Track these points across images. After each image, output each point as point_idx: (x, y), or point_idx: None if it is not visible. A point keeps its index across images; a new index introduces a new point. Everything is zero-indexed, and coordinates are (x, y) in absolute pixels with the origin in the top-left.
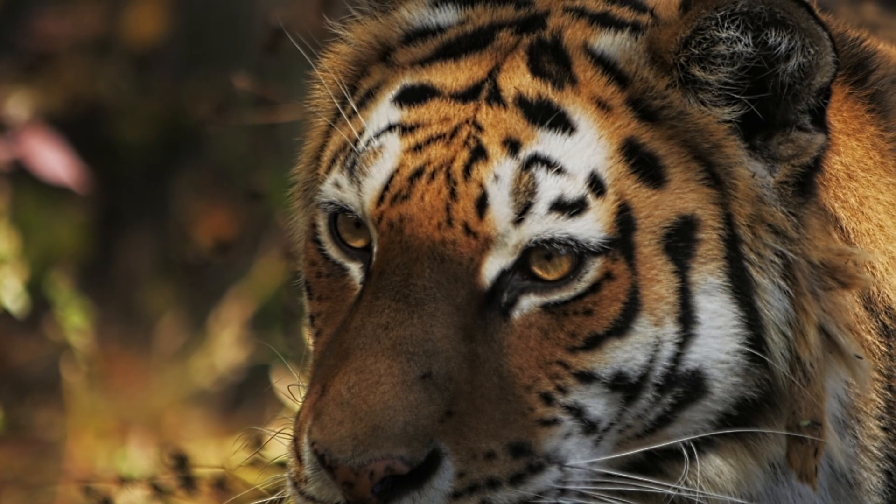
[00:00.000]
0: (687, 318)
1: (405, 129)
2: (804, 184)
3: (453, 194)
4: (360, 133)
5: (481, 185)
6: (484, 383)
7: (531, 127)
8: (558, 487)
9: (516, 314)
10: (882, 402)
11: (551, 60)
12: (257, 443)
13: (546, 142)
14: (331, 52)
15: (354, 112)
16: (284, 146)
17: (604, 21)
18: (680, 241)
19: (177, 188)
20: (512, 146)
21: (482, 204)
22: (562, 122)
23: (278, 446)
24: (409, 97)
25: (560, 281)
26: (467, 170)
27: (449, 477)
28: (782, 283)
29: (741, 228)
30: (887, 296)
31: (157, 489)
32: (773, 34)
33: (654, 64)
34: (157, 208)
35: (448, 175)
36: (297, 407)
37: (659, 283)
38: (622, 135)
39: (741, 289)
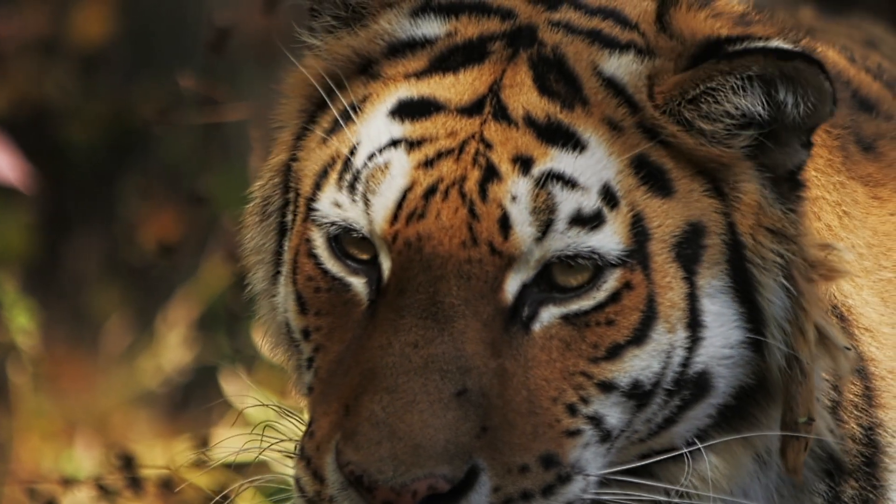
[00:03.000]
0: (694, 323)
1: (412, 144)
2: (794, 180)
3: (473, 214)
4: (354, 149)
5: (501, 206)
6: (514, 397)
7: (543, 145)
8: (582, 497)
9: (537, 327)
10: (828, 403)
11: (559, 80)
12: (203, 444)
13: (558, 159)
14: (299, 65)
15: (338, 126)
16: (231, 148)
17: (600, 40)
18: (688, 248)
19: (124, 190)
20: (523, 164)
21: (505, 224)
22: (572, 141)
23: (224, 447)
24: (411, 110)
25: (579, 290)
26: (483, 189)
27: (485, 492)
28: (784, 282)
29: (744, 236)
30: (834, 295)
31: (104, 490)
32: (782, 90)
33: (661, 105)
34: (104, 210)
35: (462, 193)
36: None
37: (672, 290)
38: (631, 152)
39: (742, 288)
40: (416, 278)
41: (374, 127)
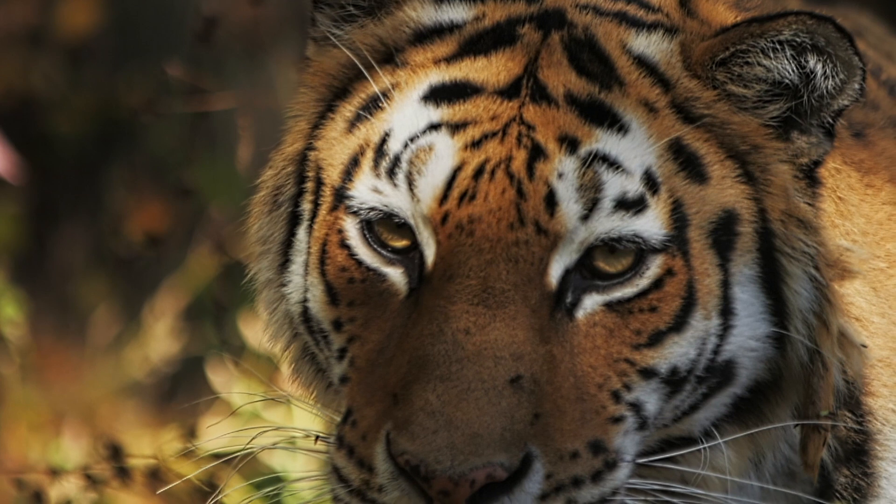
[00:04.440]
0: (727, 311)
1: (454, 127)
2: (812, 177)
3: (521, 193)
4: (386, 136)
5: (547, 183)
6: (562, 384)
7: (587, 125)
8: (625, 484)
9: (580, 314)
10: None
11: (593, 60)
12: (191, 434)
13: (603, 140)
14: (320, 55)
15: (365, 115)
16: (218, 139)
17: (627, 20)
18: (723, 234)
19: (110, 181)
20: (570, 144)
21: (551, 202)
22: (616, 122)
23: (210, 437)
24: (446, 94)
25: (621, 278)
26: (530, 168)
27: (538, 479)
28: (813, 272)
29: (774, 223)
30: None
31: (91, 480)
32: (812, 60)
33: (691, 73)
34: (91, 201)
35: (509, 173)
36: (233, 398)
37: (709, 276)
38: (668, 135)
39: (770, 278)
40: (468, 263)
41: (407, 113)
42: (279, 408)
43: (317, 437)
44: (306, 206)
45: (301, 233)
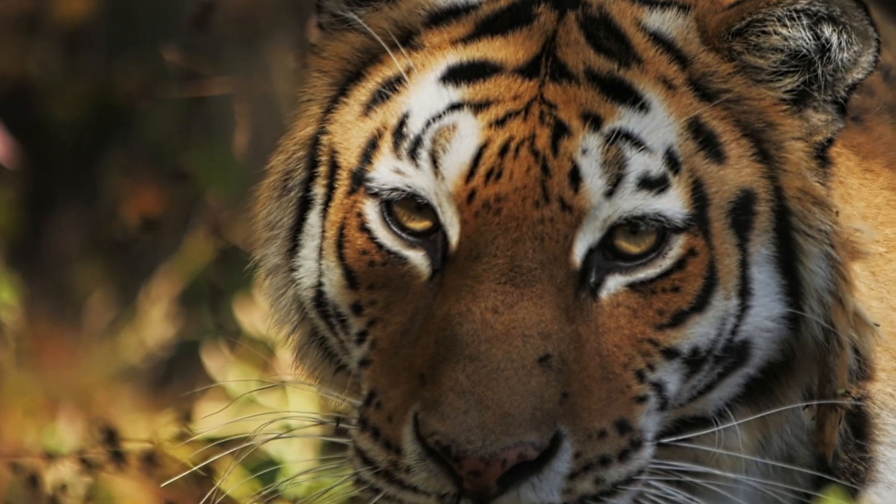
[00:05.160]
0: (745, 291)
1: (477, 106)
2: (824, 157)
3: (546, 170)
4: (405, 118)
5: (572, 159)
6: (588, 363)
7: (609, 102)
8: (649, 463)
9: (604, 294)
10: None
11: (609, 37)
12: (186, 418)
13: (626, 118)
14: (331, 39)
15: (381, 98)
16: (214, 125)
17: None
18: (742, 214)
19: (106, 166)
20: (594, 121)
21: (575, 177)
22: (637, 100)
23: (206, 422)
24: (465, 74)
25: (644, 258)
26: (555, 145)
27: (567, 458)
28: (829, 251)
29: (791, 201)
30: None
31: (86, 464)
32: (828, 30)
33: (709, 46)
34: (87, 186)
35: (534, 151)
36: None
37: (729, 256)
38: (687, 113)
39: (785, 258)
40: (495, 242)
41: (426, 95)
42: (275, 393)
43: (338, 421)
44: (319, 191)
45: (313, 217)
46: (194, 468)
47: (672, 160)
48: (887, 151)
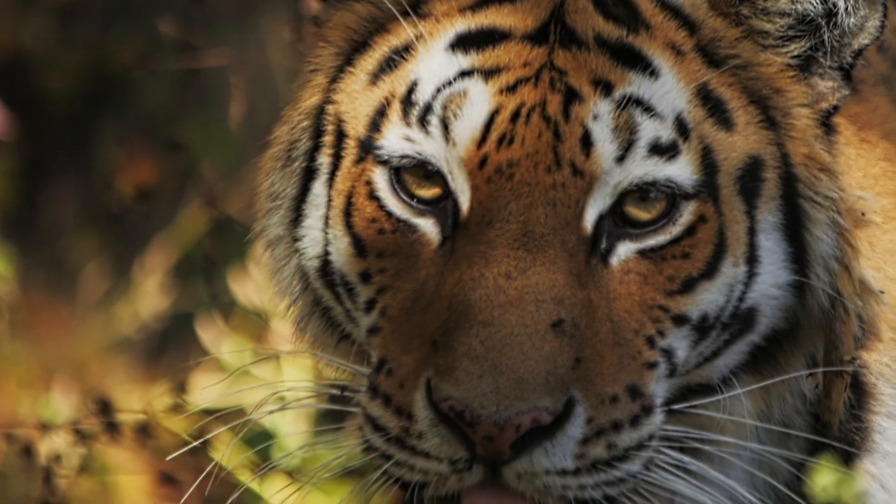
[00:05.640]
0: (752, 258)
1: (487, 73)
2: (829, 125)
3: (557, 135)
4: (413, 86)
5: (583, 125)
6: (600, 329)
7: (619, 68)
8: (660, 429)
9: (614, 261)
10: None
11: (617, 3)
12: (180, 389)
13: (636, 84)
14: (339, 9)
15: (388, 67)
16: (209, 96)
17: None
18: (750, 181)
19: (102, 138)
20: (604, 87)
21: (586, 142)
22: (647, 66)
23: (202, 394)
24: (474, 41)
25: (654, 225)
26: (566, 111)
27: (580, 424)
28: (836, 217)
29: (797, 167)
30: None
31: (81, 435)
32: None
33: (717, 11)
34: (82, 158)
35: (545, 117)
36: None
37: (737, 223)
38: (696, 80)
39: (792, 226)
40: (507, 207)
41: (435, 62)
42: (269, 364)
43: (342, 389)
44: (324, 160)
45: (318, 187)
46: (194, 443)
47: (682, 127)
48: (883, 123)
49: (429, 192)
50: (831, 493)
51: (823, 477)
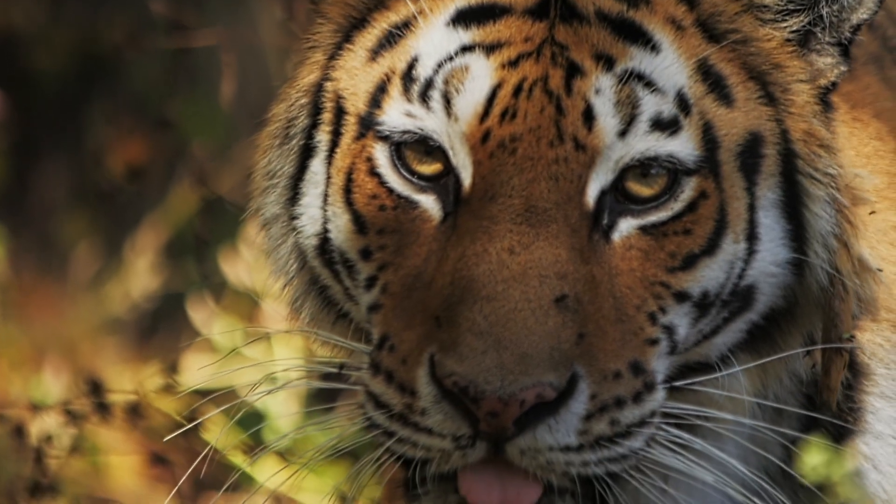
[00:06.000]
0: (752, 235)
1: (489, 48)
2: (827, 101)
3: (560, 109)
4: (414, 62)
5: (585, 99)
6: (603, 305)
7: (620, 43)
8: (661, 406)
9: (616, 236)
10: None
11: None
12: (171, 370)
13: (638, 58)
14: None
15: (388, 43)
16: (200, 75)
17: None
18: (750, 157)
19: (92, 116)
20: (606, 62)
21: (589, 116)
22: (648, 41)
23: (194, 374)
24: (475, 16)
25: (655, 202)
26: (568, 85)
27: (584, 399)
28: (835, 194)
29: (797, 143)
30: None
31: (71, 415)
32: None
33: None
34: (72, 136)
35: (547, 91)
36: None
37: (738, 200)
38: (696, 55)
39: (791, 203)
40: (510, 182)
41: (435, 38)
42: (260, 344)
43: (341, 367)
44: (323, 137)
45: (316, 164)
46: (187, 426)
47: (683, 102)
48: (874, 101)
49: (430, 169)
50: (821, 472)
51: (813, 457)
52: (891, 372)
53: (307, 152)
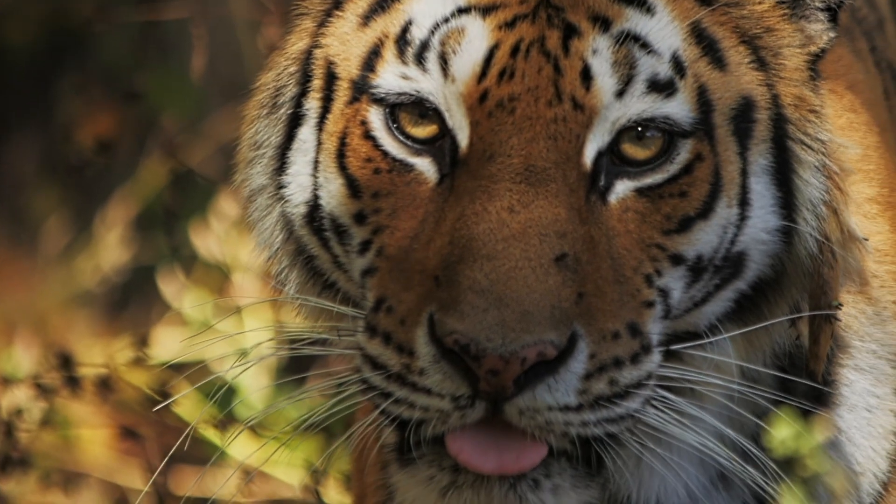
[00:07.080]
0: (744, 201)
1: (485, 10)
2: (815, 69)
3: (557, 69)
4: (408, 25)
5: (582, 59)
6: (601, 265)
7: (617, 4)
8: (657, 370)
9: (613, 198)
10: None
11: None
12: (142, 343)
13: (633, 20)
14: None
15: (380, 8)
16: (170, 48)
17: None
18: (743, 122)
19: (62, 89)
20: (602, 23)
21: (586, 76)
22: (643, 2)
23: (162, 347)
24: None
25: (651, 164)
26: (565, 45)
27: (583, 359)
28: (825, 160)
29: (788, 108)
30: None
31: (42, 389)
32: None
33: None
34: (42, 110)
35: (545, 52)
36: (185, 308)
37: (731, 164)
38: (689, 18)
39: (781, 169)
40: (509, 142)
41: (429, 1)
42: (231, 318)
43: (339, 331)
44: (313, 104)
45: (305, 132)
46: (162, 404)
47: (678, 64)
48: (846, 73)
49: (424, 132)
50: (790, 445)
51: (782, 430)
52: (865, 344)
53: (295, 121)
